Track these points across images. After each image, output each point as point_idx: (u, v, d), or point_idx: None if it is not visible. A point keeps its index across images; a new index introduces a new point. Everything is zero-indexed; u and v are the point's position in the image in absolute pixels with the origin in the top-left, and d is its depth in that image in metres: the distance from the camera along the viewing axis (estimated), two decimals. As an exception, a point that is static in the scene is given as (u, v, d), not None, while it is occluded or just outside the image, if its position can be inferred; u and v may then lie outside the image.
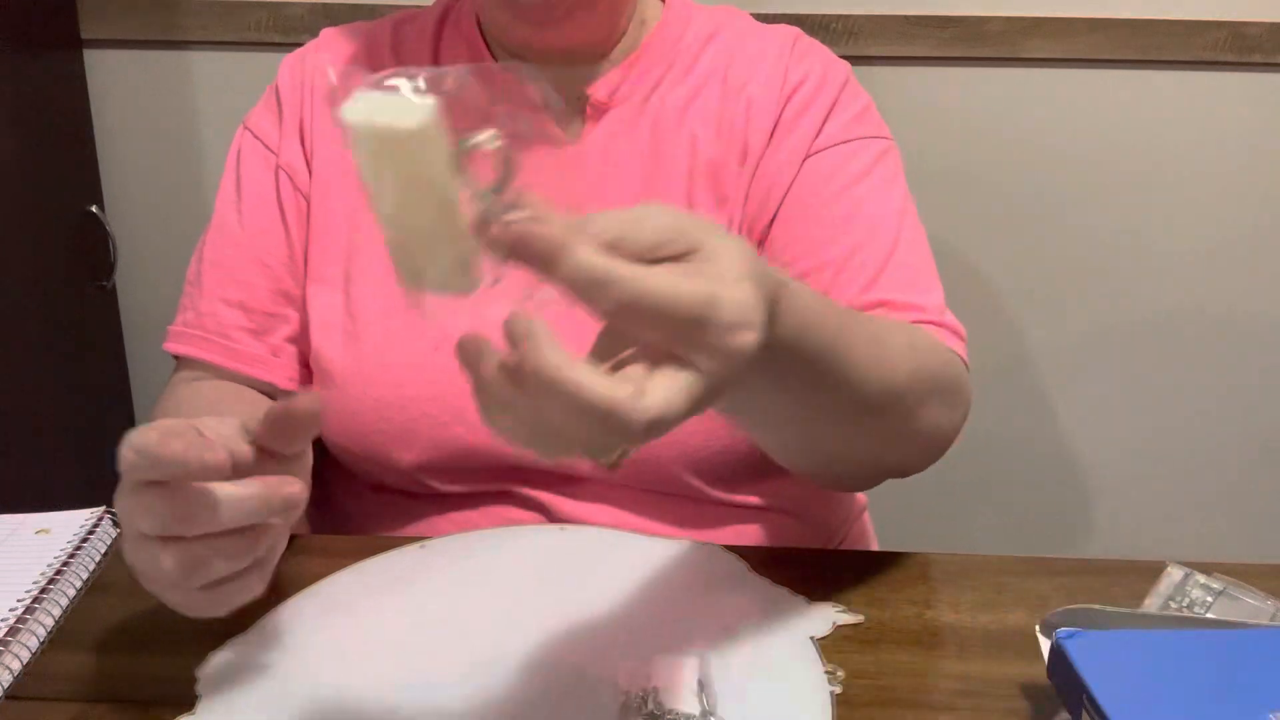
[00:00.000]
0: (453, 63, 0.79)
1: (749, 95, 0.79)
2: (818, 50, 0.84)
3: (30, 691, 0.58)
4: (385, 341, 0.76)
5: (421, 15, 0.85)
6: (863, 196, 0.78)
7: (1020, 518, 1.59)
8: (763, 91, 0.79)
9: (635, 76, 0.80)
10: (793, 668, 0.58)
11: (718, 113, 0.79)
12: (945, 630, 0.62)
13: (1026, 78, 1.41)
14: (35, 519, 0.72)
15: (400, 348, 0.76)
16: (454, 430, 0.74)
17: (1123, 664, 0.49)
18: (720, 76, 0.80)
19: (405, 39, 0.83)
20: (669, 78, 0.80)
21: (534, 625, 0.61)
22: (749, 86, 0.79)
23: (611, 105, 0.79)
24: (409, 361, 0.75)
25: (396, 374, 0.75)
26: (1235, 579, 0.61)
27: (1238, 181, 1.43)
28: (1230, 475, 1.56)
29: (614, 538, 0.70)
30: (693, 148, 0.78)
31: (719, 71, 0.80)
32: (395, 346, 0.76)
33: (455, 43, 0.82)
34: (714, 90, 0.80)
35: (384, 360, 0.76)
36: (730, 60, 0.81)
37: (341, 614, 0.63)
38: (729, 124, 0.79)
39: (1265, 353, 1.50)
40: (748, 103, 0.79)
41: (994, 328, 1.51)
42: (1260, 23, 1.36)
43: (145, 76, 1.46)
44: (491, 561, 0.68)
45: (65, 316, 1.42)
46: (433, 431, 0.75)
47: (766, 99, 0.79)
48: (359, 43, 0.84)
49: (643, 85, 0.80)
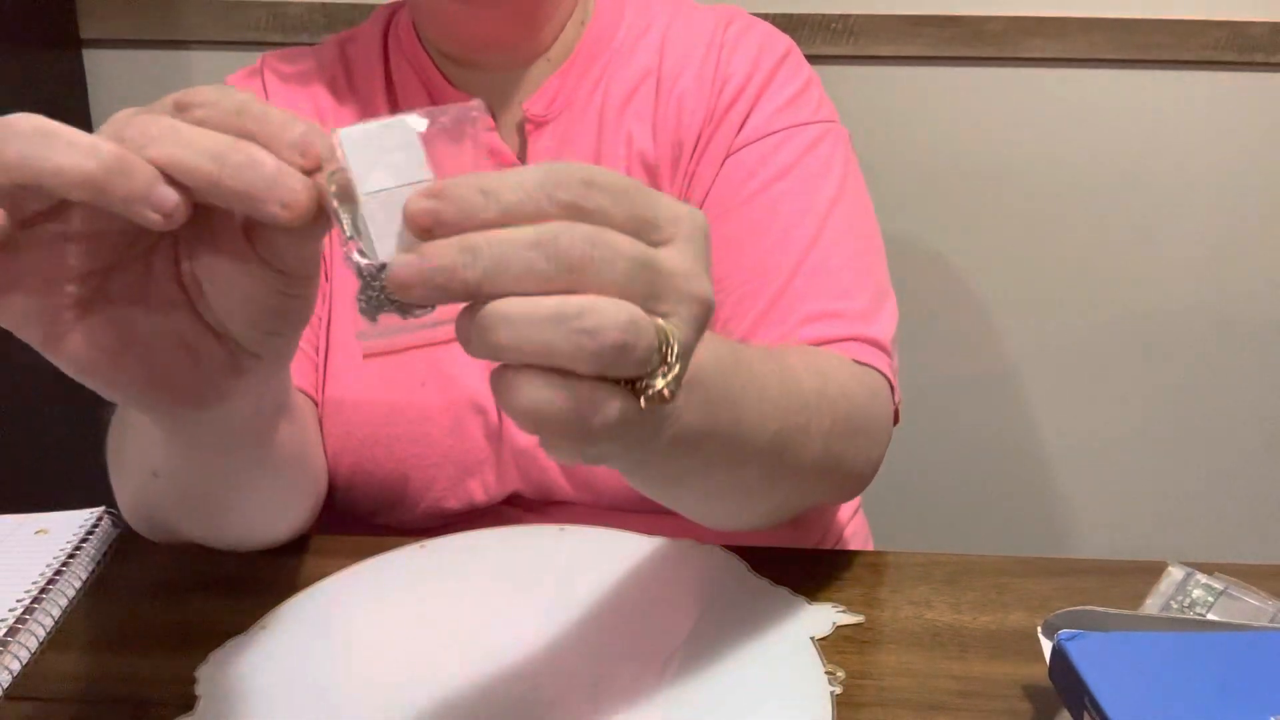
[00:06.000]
0: (403, 82, 0.79)
1: (680, 91, 0.76)
2: (750, 34, 0.79)
3: (29, 692, 0.58)
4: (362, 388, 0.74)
5: (363, 34, 0.82)
6: (781, 195, 0.74)
7: (1020, 518, 1.59)
8: (694, 86, 0.76)
9: (571, 85, 0.77)
10: (793, 668, 0.58)
11: (652, 112, 0.76)
12: (946, 631, 0.62)
13: (1027, 77, 1.40)
14: (34, 519, 0.71)
15: (380, 394, 0.74)
16: (446, 470, 0.74)
17: (1125, 666, 0.49)
18: (654, 73, 0.77)
19: (354, 61, 0.81)
20: (604, 80, 0.77)
21: (534, 625, 0.61)
22: (680, 81, 0.76)
23: (549, 119, 0.77)
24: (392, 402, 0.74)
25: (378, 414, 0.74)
26: (1237, 579, 0.61)
27: (1238, 181, 1.43)
28: (1231, 475, 1.56)
29: (613, 538, 0.70)
30: (629, 150, 0.76)
31: (652, 68, 0.77)
32: (374, 389, 0.74)
33: (400, 61, 0.80)
34: (649, 88, 0.77)
35: (360, 406, 0.74)
36: (663, 54, 0.77)
37: (341, 614, 0.63)
38: (663, 124, 0.76)
39: (1267, 352, 1.50)
40: (679, 100, 0.76)
41: (994, 327, 1.51)
42: (1261, 22, 1.35)
43: (145, 76, 1.46)
44: (491, 561, 0.68)
45: (64, 316, 1.42)
46: (423, 494, 0.74)
47: (697, 95, 0.76)
48: (304, 65, 0.81)
49: (580, 92, 0.77)
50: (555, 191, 0.37)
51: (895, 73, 1.41)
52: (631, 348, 0.37)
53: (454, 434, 0.74)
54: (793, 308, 0.71)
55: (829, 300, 0.71)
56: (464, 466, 0.74)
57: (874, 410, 0.67)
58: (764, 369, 0.55)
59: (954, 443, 1.54)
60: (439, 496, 0.75)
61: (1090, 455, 1.57)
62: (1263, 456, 1.55)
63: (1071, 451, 1.57)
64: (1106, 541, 1.60)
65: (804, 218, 0.73)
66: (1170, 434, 1.54)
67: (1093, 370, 1.52)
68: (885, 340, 0.71)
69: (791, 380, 0.57)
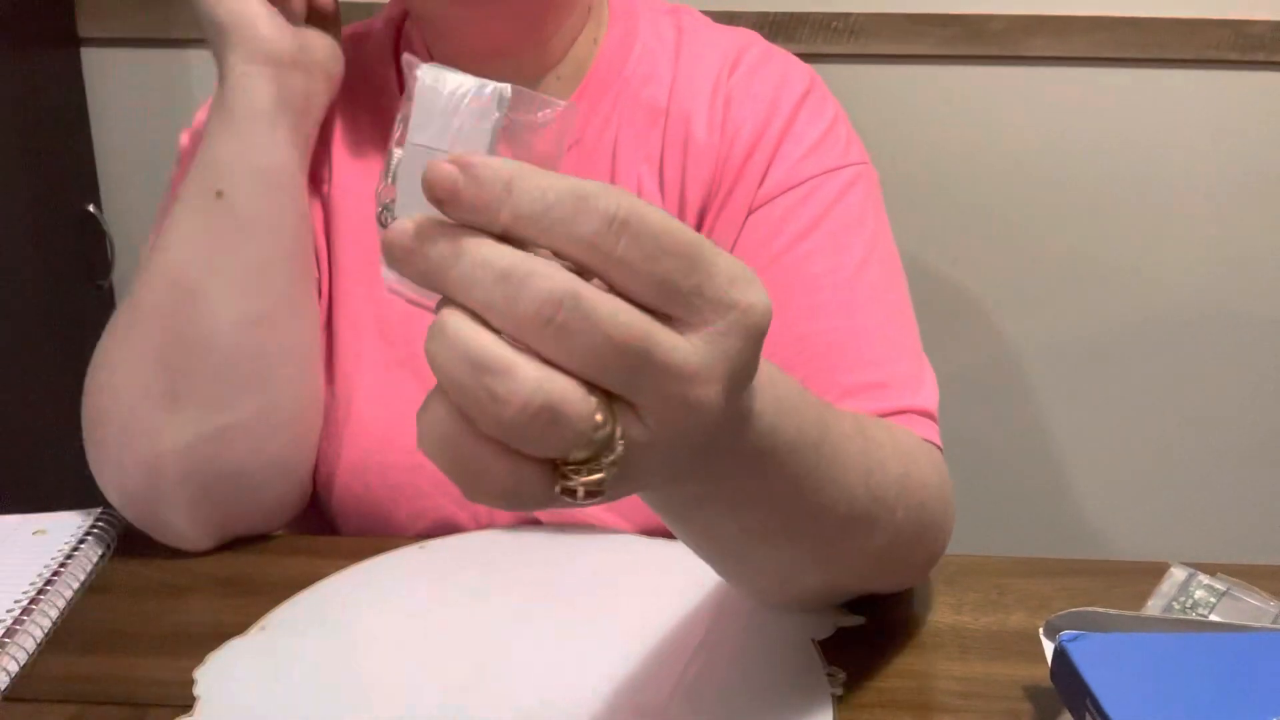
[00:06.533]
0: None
1: (687, 137, 0.71)
2: (765, 70, 0.73)
3: (27, 693, 0.58)
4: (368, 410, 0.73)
5: (376, 32, 0.79)
6: (809, 253, 0.68)
7: (1021, 518, 1.59)
8: (704, 133, 0.71)
9: (583, 118, 0.73)
10: (793, 670, 0.57)
11: (660, 156, 0.72)
12: (947, 632, 0.62)
13: (1028, 76, 1.40)
14: (32, 520, 0.71)
15: (382, 415, 0.73)
16: (438, 501, 0.72)
17: (1127, 667, 0.49)
18: (663, 113, 0.72)
19: (369, 59, 0.78)
20: (616, 117, 0.73)
21: (533, 626, 0.61)
22: (690, 125, 0.71)
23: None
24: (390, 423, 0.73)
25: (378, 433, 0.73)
26: (1239, 580, 0.61)
27: (1240, 180, 1.43)
28: (1234, 475, 1.55)
29: (614, 539, 0.70)
30: (639, 193, 0.70)
31: (661, 107, 0.73)
32: (377, 411, 0.73)
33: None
34: (657, 131, 0.72)
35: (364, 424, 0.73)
36: (672, 91, 0.73)
37: (341, 614, 0.63)
38: (671, 173, 0.72)
39: (1268, 352, 1.50)
40: (684, 147, 0.71)
41: (995, 327, 1.50)
42: (1263, 21, 1.35)
43: (143, 75, 1.45)
44: (491, 562, 0.68)
45: (62, 316, 1.42)
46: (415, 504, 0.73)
47: (707, 144, 0.71)
48: None
49: (591, 126, 0.73)
50: (577, 222, 0.33)
51: (896, 72, 1.41)
52: (537, 436, 0.33)
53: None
54: (832, 380, 0.65)
55: (870, 370, 0.65)
56: (455, 498, 0.72)
57: (944, 498, 0.60)
58: (849, 448, 0.49)
59: (954, 443, 1.53)
60: (428, 528, 0.73)
61: (1091, 456, 1.56)
62: (1265, 456, 1.54)
63: (1072, 452, 1.56)
64: (1108, 542, 1.59)
65: (835, 277, 0.67)
66: (1172, 434, 1.54)
67: (1094, 370, 1.52)
68: (935, 410, 0.66)
69: (887, 461, 0.52)
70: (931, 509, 0.57)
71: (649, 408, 0.35)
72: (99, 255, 1.48)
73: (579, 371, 0.33)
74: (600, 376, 0.33)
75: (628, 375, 0.34)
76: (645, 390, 0.34)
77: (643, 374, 0.34)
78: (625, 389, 0.34)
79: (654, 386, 0.34)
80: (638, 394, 0.34)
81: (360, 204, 0.76)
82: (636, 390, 0.34)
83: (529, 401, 0.32)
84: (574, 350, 0.33)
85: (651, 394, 0.34)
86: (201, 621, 0.62)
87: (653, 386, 0.34)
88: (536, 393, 0.32)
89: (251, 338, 0.68)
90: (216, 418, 0.67)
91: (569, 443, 0.33)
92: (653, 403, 0.34)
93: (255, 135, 0.69)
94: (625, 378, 0.34)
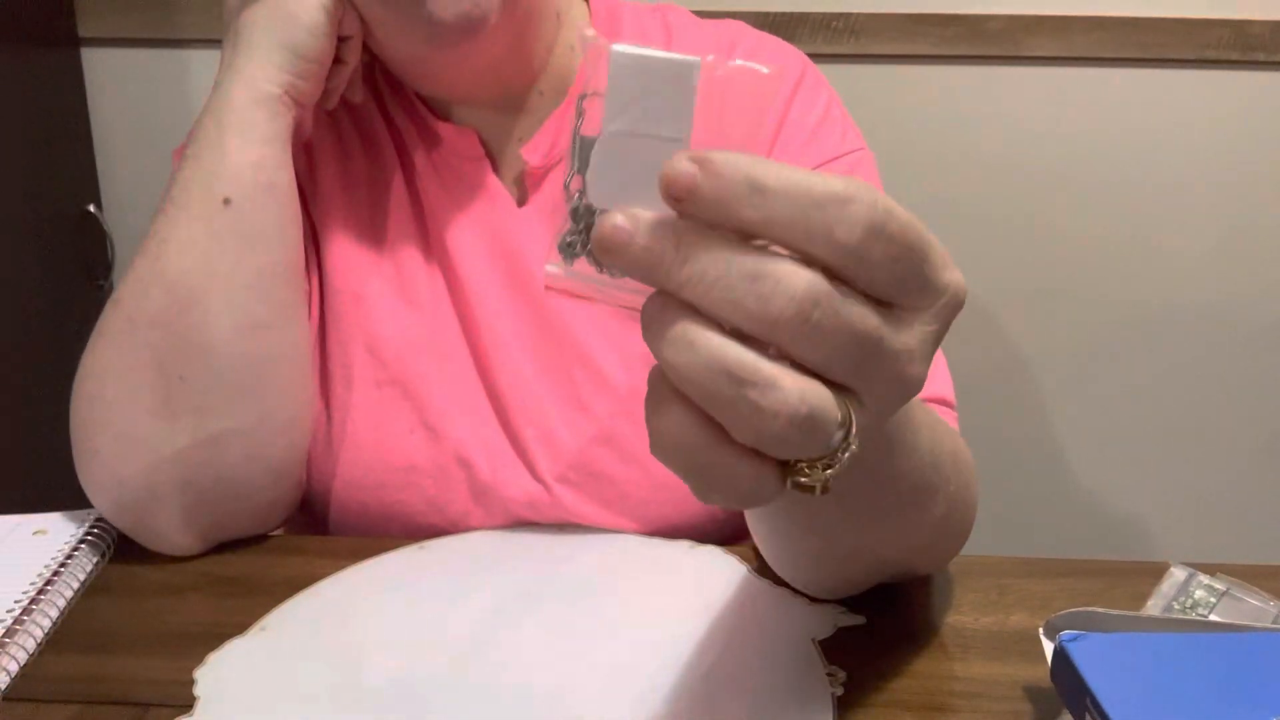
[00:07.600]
0: (398, 110, 0.77)
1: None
2: (757, 62, 0.74)
3: (27, 693, 0.58)
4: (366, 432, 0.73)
5: None
6: None
7: (1021, 518, 1.59)
8: None
9: (567, 130, 0.72)
10: (794, 669, 0.57)
11: None
12: (947, 632, 0.61)
13: (1028, 76, 1.40)
14: (32, 519, 0.71)
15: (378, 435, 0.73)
16: (431, 520, 0.72)
17: (1127, 667, 0.49)
18: None
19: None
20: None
21: (533, 626, 0.61)
22: None
23: (549, 165, 0.74)
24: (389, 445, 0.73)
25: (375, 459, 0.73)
26: (1239, 580, 0.61)
27: (1240, 180, 1.43)
28: (1234, 475, 1.56)
29: (614, 539, 0.70)
30: None
31: None
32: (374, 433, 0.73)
33: (392, 92, 0.77)
34: None
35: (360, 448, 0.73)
36: None
37: (341, 614, 0.63)
38: None
39: (1268, 352, 1.50)
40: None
41: (995, 326, 1.50)
42: (1263, 21, 1.35)
43: (143, 75, 1.45)
44: (491, 562, 0.68)
45: (62, 316, 1.42)
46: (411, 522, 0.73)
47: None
48: None
49: None
50: (835, 228, 0.32)
51: (896, 71, 1.41)
52: (798, 443, 0.33)
53: (439, 484, 0.72)
54: None
55: None
56: (449, 518, 0.73)
57: (975, 477, 0.61)
58: (922, 417, 0.49)
59: (954, 442, 1.54)
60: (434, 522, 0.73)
61: (1092, 456, 1.56)
62: (1266, 457, 1.54)
63: (1073, 452, 1.56)
64: (1108, 542, 1.59)
65: None
66: (1173, 434, 1.54)
67: (1094, 370, 1.52)
68: (953, 398, 0.67)
69: (943, 434, 0.53)
70: (971, 485, 0.59)
71: (870, 391, 0.35)
72: (99, 255, 1.48)
73: (818, 366, 0.33)
74: (835, 369, 0.34)
75: (860, 365, 0.34)
76: (872, 377, 0.35)
77: (874, 362, 0.34)
78: (854, 377, 0.34)
79: (879, 372, 0.35)
80: (863, 380, 0.35)
81: (347, 224, 0.76)
82: (864, 377, 0.34)
83: (795, 412, 0.32)
84: (819, 347, 0.33)
85: (876, 379, 0.35)
86: (201, 621, 0.62)
87: (878, 373, 0.35)
88: (801, 403, 0.32)
89: (250, 344, 0.68)
90: (214, 424, 0.67)
91: (822, 446, 0.34)
92: (875, 386, 0.35)
93: (270, 146, 0.68)
94: (858, 368, 0.34)
